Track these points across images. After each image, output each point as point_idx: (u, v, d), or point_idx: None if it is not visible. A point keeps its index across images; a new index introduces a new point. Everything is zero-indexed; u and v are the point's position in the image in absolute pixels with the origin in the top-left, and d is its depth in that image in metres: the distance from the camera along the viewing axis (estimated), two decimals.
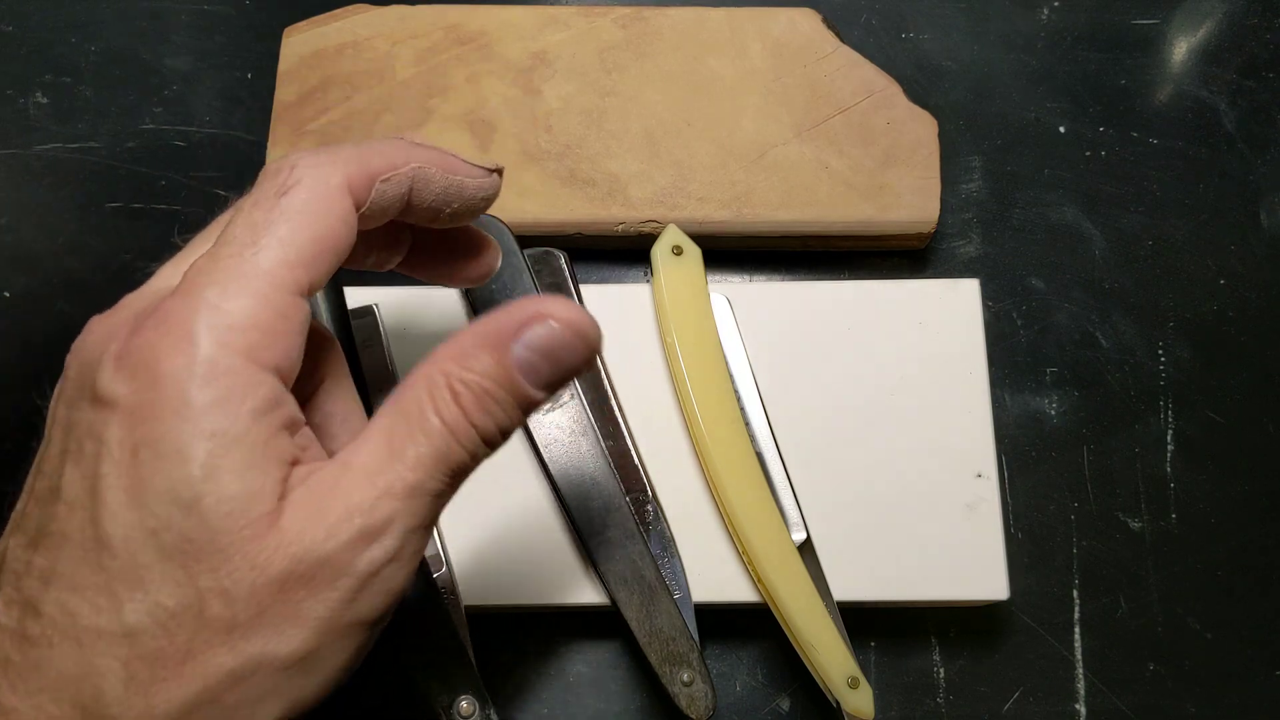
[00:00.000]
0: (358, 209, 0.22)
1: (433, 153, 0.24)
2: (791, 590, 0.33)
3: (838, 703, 0.33)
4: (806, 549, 0.35)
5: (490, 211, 0.37)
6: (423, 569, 0.33)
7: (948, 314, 0.38)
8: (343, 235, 0.22)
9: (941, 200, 0.40)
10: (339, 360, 0.27)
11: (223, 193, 0.43)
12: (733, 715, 0.36)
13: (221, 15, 0.46)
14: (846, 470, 0.36)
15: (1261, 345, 0.41)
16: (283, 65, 0.42)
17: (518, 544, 0.35)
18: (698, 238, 0.38)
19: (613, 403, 0.36)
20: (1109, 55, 0.46)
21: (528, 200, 0.40)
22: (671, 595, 0.33)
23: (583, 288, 0.37)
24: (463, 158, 0.25)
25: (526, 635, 0.37)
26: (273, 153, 0.40)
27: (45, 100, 0.45)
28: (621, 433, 0.36)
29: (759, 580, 0.34)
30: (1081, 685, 0.37)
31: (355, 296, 0.37)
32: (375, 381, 0.36)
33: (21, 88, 0.45)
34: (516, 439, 0.36)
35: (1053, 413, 0.40)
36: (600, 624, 0.37)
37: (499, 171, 0.26)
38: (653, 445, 0.36)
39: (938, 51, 0.46)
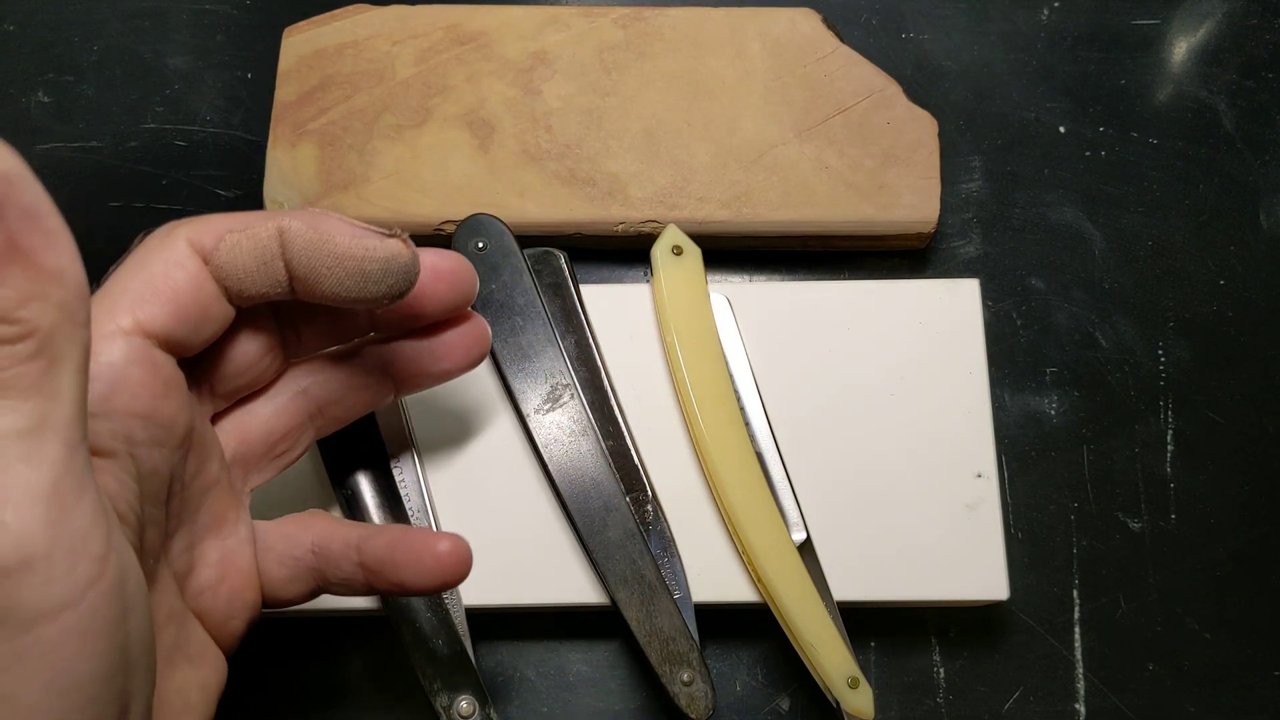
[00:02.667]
0: (208, 259, 0.23)
1: (308, 215, 0.24)
2: (791, 590, 0.33)
3: (838, 703, 0.33)
4: (806, 549, 0.35)
5: (491, 211, 0.37)
6: None
7: (948, 314, 0.38)
8: (180, 279, 0.23)
9: (941, 200, 0.40)
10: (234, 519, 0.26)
11: (223, 192, 0.43)
12: (733, 715, 0.36)
13: (222, 15, 0.46)
14: (846, 470, 0.36)
15: (1261, 345, 0.41)
16: (283, 65, 0.42)
17: (518, 544, 0.35)
18: (698, 238, 0.38)
19: (613, 403, 0.36)
20: (1109, 55, 0.46)
21: (528, 200, 0.40)
22: (671, 595, 0.33)
23: (583, 288, 0.37)
24: (361, 225, 0.24)
25: (526, 635, 0.37)
26: (273, 153, 0.40)
27: (47, 99, 0.45)
28: (621, 433, 0.36)
29: (759, 580, 0.34)
30: (1081, 685, 0.37)
31: None
32: None
33: (23, 87, 0.45)
34: (517, 439, 0.36)
35: (1053, 413, 0.40)
36: (600, 624, 0.37)
37: (399, 237, 0.24)
38: (653, 445, 0.36)
39: (938, 51, 0.46)
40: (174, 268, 0.23)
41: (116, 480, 0.21)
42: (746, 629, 0.37)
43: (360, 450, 0.34)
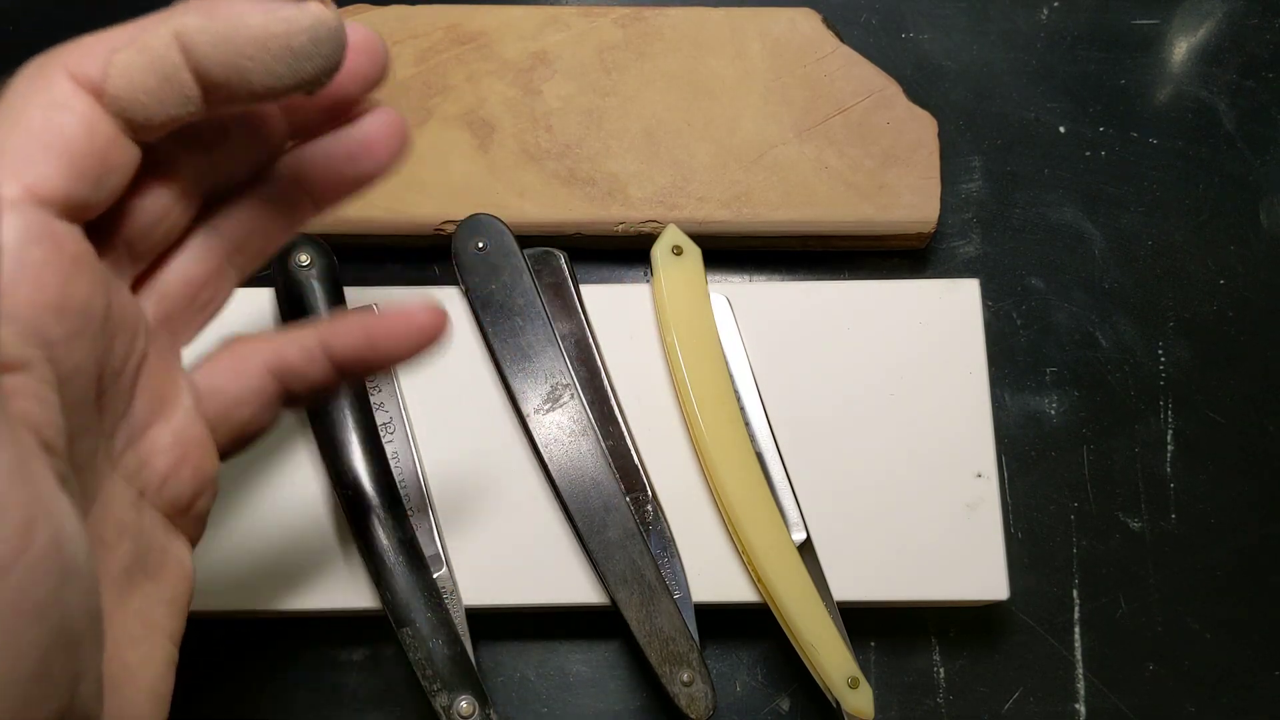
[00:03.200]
0: (97, 92, 0.19)
1: (199, 4, 0.20)
2: (791, 590, 0.33)
3: (838, 703, 0.33)
4: (806, 549, 0.35)
5: (491, 211, 0.37)
6: (423, 569, 0.33)
7: (948, 314, 0.38)
8: (68, 124, 0.19)
9: (941, 200, 0.40)
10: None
11: None
12: (733, 715, 0.36)
13: None
14: (846, 470, 0.36)
15: (1261, 345, 0.41)
16: None
17: (518, 544, 0.35)
18: (698, 238, 0.38)
19: (613, 403, 0.36)
20: (1109, 55, 0.46)
21: (528, 200, 0.40)
22: (671, 595, 0.33)
23: (583, 288, 0.37)
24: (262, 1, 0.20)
25: (526, 635, 0.37)
26: None
27: None
28: (621, 433, 0.36)
29: (759, 580, 0.34)
30: (1081, 685, 0.37)
31: (355, 296, 0.37)
32: (374, 382, 0.36)
33: None
34: (517, 439, 0.36)
35: (1053, 413, 0.40)
36: (600, 624, 0.37)
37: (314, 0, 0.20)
38: (653, 445, 0.36)
39: (938, 51, 0.46)
40: (57, 111, 0.19)
41: (34, 399, 0.17)
42: (746, 629, 0.37)
43: (359, 450, 0.34)
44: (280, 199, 0.24)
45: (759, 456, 0.36)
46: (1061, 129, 0.45)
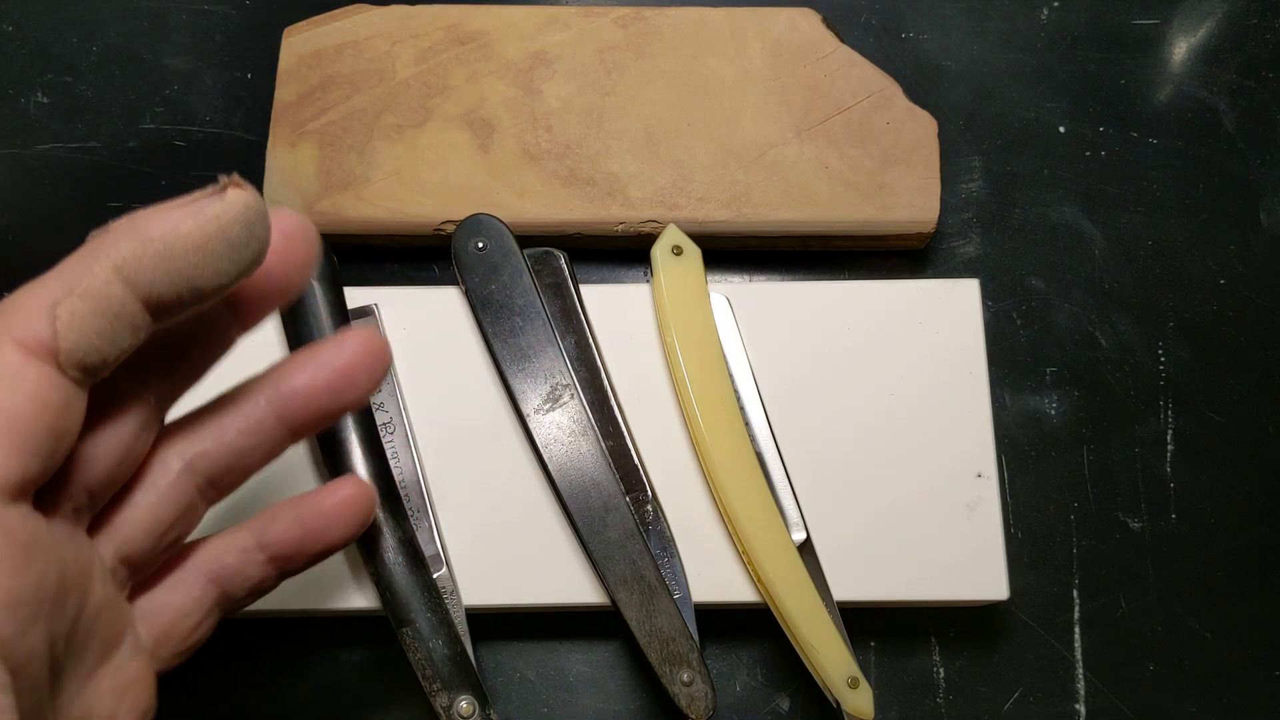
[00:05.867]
0: (51, 355, 0.19)
1: (124, 229, 0.20)
2: (791, 590, 0.33)
3: (838, 703, 0.33)
4: (806, 549, 0.35)
5: (491, 211, 0.37)
6: (423, 569, 0.33)
7: (948, 314, 0.38)
8: (17, 402, 0.18)
9: (941, 200, 0.40)
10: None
11: None
12: (733, 715, 0.36)
13: (221, 15, 0.46)
14: (846, 470, 0.36)
15: (1261, 345, 0.41)
16: (283, 65, 0.42)
17: (518, 544, 0.35)
18: (698, 238, 0.38)
19: (613, 403, 0.36)
20: (1109, 55, 0.46)
21: (528, 200, 0.40)
22: (671, 595, 0.33)
23: (583, 288, 0.37)
24: (181, 200, 0.20)
25: (526, 635, 0.37)
26: (273, 153, 0.40)
27: (46, 100, 0.45)
28: (621, 433, 0.36)
29: (759, 580, 0.34)
30: (1081, 685, 0.37)
31: (355, 296, 0.37)
32: None
33: (22, 87, 0.45)
34: (517, 439, 0.36)
35: (1053, 413, 0.40)
36: (600, 624, 0.37)
37: (231, 182, 0.20)
38: (653, 445, 0.36)
39: (938, 51, 0.46)
40: (7, 390, 0.18)
41: None
42: (746, 629, 0.37)
43: (359, 450, 0.34)
44: (261, 434, 0.24)
45: (759, 456, 0.36)
46: (1061, 129, 0.45)
